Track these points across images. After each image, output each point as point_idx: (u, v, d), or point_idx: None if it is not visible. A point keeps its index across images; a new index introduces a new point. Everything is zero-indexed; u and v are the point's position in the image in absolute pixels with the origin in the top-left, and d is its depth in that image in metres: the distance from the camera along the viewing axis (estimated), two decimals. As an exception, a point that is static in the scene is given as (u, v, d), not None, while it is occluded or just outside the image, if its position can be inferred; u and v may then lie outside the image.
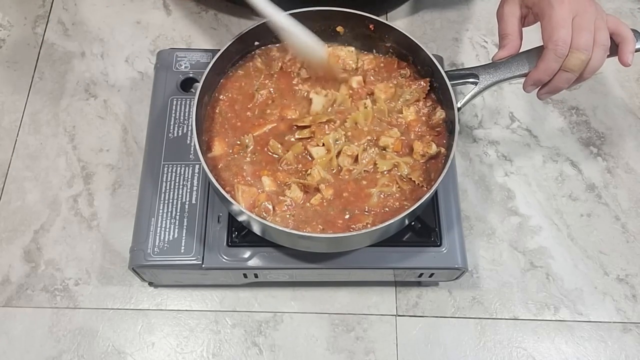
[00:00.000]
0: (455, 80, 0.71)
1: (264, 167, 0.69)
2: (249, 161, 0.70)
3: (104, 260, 0.82)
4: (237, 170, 0.69)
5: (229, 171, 0.69)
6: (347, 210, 0.67)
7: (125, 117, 0.93)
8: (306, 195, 0.67)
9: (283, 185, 0.68)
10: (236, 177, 0.68)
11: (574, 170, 0.92)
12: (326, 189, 0.67)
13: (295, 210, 0.66)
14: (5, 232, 0.84)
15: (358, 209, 0.67)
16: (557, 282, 0.83)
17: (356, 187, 0.68)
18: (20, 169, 0.88)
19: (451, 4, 1.06)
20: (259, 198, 0.67)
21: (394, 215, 0.63)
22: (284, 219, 0.66)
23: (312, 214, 0.66)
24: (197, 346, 0.78)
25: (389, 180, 0.68)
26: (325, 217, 0.66)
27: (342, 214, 0.67)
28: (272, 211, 0.66)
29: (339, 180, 0.69)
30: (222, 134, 0.72)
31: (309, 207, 0.67)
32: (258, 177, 0.68)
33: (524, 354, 0.79)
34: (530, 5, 0.66)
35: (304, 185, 0.67)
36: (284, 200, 0.67)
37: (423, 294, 0.82)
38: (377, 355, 0.78)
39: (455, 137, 0.66)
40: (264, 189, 0.67)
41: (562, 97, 0.97)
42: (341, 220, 0.66)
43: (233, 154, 0.70)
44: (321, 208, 0.67)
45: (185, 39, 1.00)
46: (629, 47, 0.65)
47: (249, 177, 0.68)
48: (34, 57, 0.97)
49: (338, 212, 0.67)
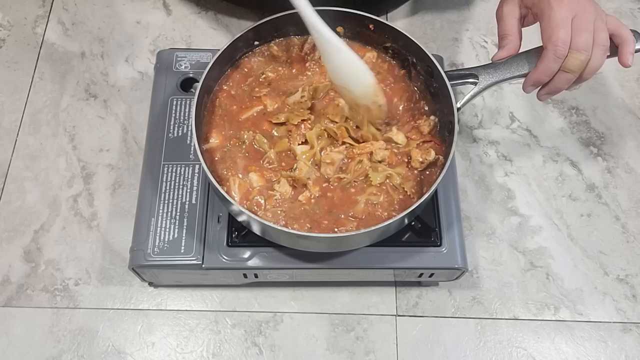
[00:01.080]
0: (455, 81, 0.71)
1: (252, 163, 0.70)
2: (242, 156, 0.70)
3: (104, 260, 0.83)
4: (231, 164, 0.69)
5: (224, 164, 0.69)
6: (332, 213, 0.67)
7: (125, 117, 0.93)
8: (295, 191, 0.68)
9: (272, 181, 0.68)
10: (230, 170, 0.69)
11: (574, 170, 0.92)
12: (313, 186, 0.67)
13: (285, 205, 0.67)
14: (5, 232, 0.84)
15: (343, 213, 0.67)
16: (557, 282, 0.83)
17: (342, 194, 0.68)
18: (20, 169, 0.88)
19: (451, 4, 1.06)
20: (251, 191, 0.67)
21: (380, 222, 0.63)
22: (274, 214, 0.66)
23: (299, 212, 0.67)
24: (197, 346, 0.78)
25: (377, 189, 0.68)
26: (312, 216, 0.67)
27: (327, 215, 0.67)
28: (263, 205, 0.66)
29: (325, 182, 0.69)
30: (220, 125, 0.72)
31: (298, 204, 0.67)
32: (248, 172, 0.69)
33: (524, 354, 0.79)
34: (530, 5, 0.66)
35: (293, 179, 0.68)
36: (273, 195, 0.67)
37: (423, 294, 0.82)
38: (377, 355, 0.79)
39: (454, 137, 0.66)
40: (252, 184, 0.68)
41: (562, 97, 0.97)
42: (326, 221, 0.66)
43: (230, 147, 0.70)
44: (309, 206, 0.67)
45: (185, 39, 1.00)
46: (629, 48, 0.65)
47: (240, 172, 0.69)
48: (34, 57, 0.98)
49: (324, 213, 0.67)
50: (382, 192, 0.68)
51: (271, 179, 0.68)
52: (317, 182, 0.68)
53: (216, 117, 0.73)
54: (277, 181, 0.68)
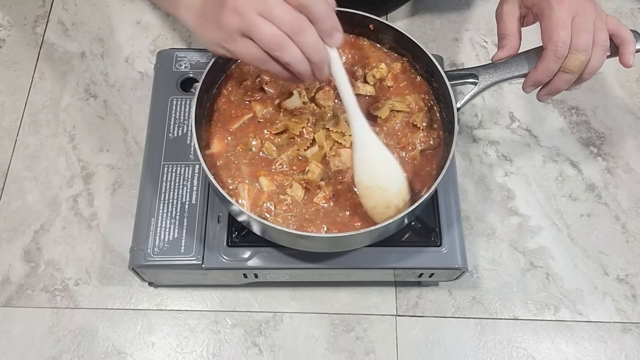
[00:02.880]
0: (455, 81, 0.71)
1: (261, 168, 0.69)
2: (247, 162, 0.69)
3: (104, 260, 0.83)
4: (236, 172, 0.69)
5: (227, 169, 0.69)
6: (348, 212, 0.67)
7: (125, 117, 0.93)
8: (308, 194, 0.67)
9: (283, 185, 0.67)
10: (235, 178, 0.68)
11: (574, 170, 0.92)
12: (326, 186, 0.67)
13: (296, 209, 0.66)
14: (5, 232, 0.84)
15: (360, 210, 0.66)
16: (557, 282, 0.83)
17: (353, 193, 0.68)
18: (20, 169, 0.88)
19: (451, 4, 1.06)
20: (260, 197, 0.67)
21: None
22: (285, 219, 0.66)
23: (313, 214, 0.66)
24: (197, 346, 0.78)
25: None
26: (329, 216, 0.66)
27: (343, 214, 0.66)
28: (273, 211, 0.66)
29: (339, 184, 0.69)
30: (221, 131, 0.72)
31: (311, 206, 0.67)
32: (255, 177, 0.68)
33: (524, 354, 0.79)
34: (530, 5, 0.66)
35: (306, 182, 0.67)
36: (284, 199, 0.67)
37: (423, 294, 0.82)
38: (377, 355, 0.79)
39: (454, 137, 0.66)
40: (262, 189, 0.67)
41: (562, 97, 0.97)
42: (342, 220, 0.66)
43: (234, 153, 0.70)
44: (327, 206, 0.67)
45: (185, 39, 1.00)
46: (630, 49, 0.65)
47: (247, 178, 0.68)
48: (34, 57, 0.98)
49: (339, 213, 0.67)
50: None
51: (282, 183, 0.67)
52: (329, 184, 0.68)
53: (217, 124, 0.72)
54: (290, 185, 0.67)
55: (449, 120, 0.69)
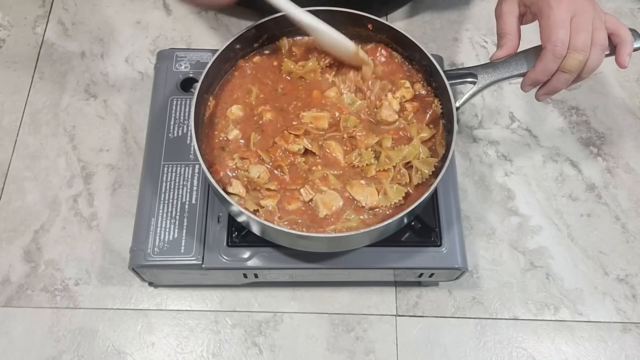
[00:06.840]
0: (454, 80, 0.71)
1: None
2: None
3: (104, 260, 0.83)
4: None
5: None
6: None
7: (125, 117, 0.93)
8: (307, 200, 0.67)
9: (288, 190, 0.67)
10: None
11: (574, 170, 0.92)
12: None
13: (303, 214, 0.66)
14: (5, 232, 0.84)
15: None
16: (557, 282, 0.83)
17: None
18: (20, 169, 0.88)
19: (451, 4, 1.06)
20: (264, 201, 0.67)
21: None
22: (291, 222, 0.66)
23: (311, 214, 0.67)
24: (197, 346, 0.78)
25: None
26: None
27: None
28: (277, 214, 0.66)
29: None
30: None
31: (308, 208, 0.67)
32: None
33: (524, 354, 0.79)
34: (529, 4, 0.66)
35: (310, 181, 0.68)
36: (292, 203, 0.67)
37: (423, 294, 0.82)
38: (377, 355, 0.79)
39: (453, 136, 0.66)
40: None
41: (562, 97, 0.97)
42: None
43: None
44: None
45: (185, 39, 1.00)
46: (627, 49, 0.65)
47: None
48: (34, 57, 0.98)
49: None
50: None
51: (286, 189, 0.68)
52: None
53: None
54: (302, 185, 0.67)
55: (449, 120, 0.69)
